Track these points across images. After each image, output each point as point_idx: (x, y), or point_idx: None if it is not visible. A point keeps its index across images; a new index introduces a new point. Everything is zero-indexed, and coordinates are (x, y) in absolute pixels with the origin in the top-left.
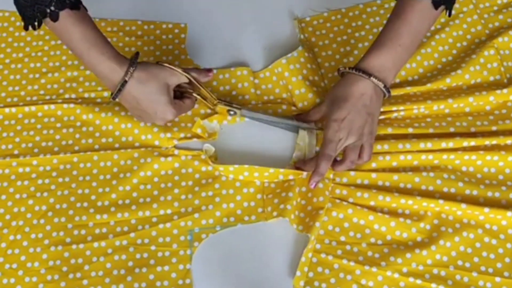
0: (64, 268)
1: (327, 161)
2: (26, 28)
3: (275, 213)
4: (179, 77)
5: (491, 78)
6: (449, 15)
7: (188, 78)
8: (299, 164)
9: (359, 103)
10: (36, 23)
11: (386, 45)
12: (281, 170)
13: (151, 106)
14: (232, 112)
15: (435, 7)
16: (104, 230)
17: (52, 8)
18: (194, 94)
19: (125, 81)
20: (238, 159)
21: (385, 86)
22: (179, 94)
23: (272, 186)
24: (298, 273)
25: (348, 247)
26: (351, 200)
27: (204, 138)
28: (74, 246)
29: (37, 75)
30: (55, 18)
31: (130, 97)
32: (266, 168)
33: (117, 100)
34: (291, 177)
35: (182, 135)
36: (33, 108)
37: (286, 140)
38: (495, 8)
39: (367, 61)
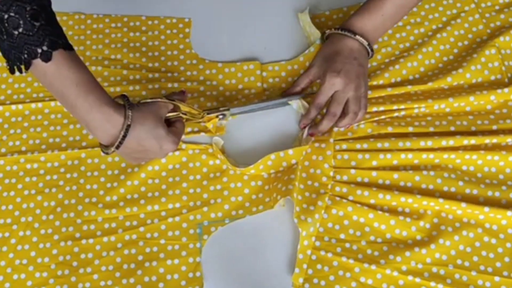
0: (74, 263)
1: (315, 109)
2: (12, 72)
3: (279, 197)
4: (167, 106)
5: (492, 77)
6: None
7: (173, 104)
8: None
9: (350, 56)
10: (22, 66)
11: (369, 12)
12: (281, 154)
13: (155, 143)
14: (221, 116)
15: None
16: (113, 224)
17: (45, 47)
18: (181, 115)
19: (128, 125)
20: (245, 150)
21: (369, 44)
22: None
23: (278, 175)
24: (296, 270)
25: (347, 245)
26: (351, 198)
27: (212, 133)
28: (83, 241)
29: None
30: (47, 58)
31: (132, 141)
32: (267, 157)
33: (115, 150)
34: (293, 161)
35: (189, 129)
36: (39, 104)
37: (290, 125)
38: (497, 7)
39: (349, 23)
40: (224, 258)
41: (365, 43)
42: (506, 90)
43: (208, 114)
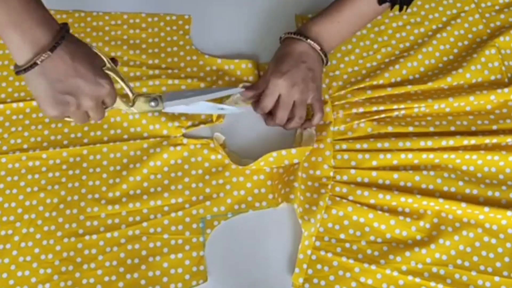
0: (78, 259)
1: (260, 111)
2: None
3: (280, 200)
4: (101, 60)
5: (492, 77)
6: (400, 10)
7: (108, 62)
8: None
9: (298, 59)
10: None
11: (326, 17)
12: (283, 152)
13: (90, 70)
14: (153, 104)
15: (379, 2)
16: (116, 220)
17: None
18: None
19: (67, 32)
20: (246, 143)
21: (321, 49)
22: None
23: (280, 171)
24: (296, 270)
25: (347, 245)
26: (351, 198)
27: (211, 123)
28: (87, 237)
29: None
30: None
31: (65, 56)
32: (269, 155)
33: (42, 62)
34: (296, 161)
35: (189, 123)
36: None
37: None
38: (497, 7)
39: (305, 28)
40: (225, 254)
41: (317, 47)
42: (506, 90)
43: (140, 97)
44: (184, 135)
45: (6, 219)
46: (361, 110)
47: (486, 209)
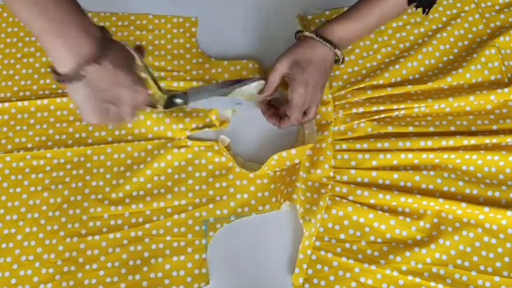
0: (81, 260)
1: (293, 123)
2: None
3: (282, 200)
4: (134, 59)
5: (492, 77)
6: (423, 12)
7: (140, 60)
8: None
9: (322, 67)
10: None
11: (356, 19)
12: (284, 154)
13: (129, 76)
14: (179, 101)
15: (408, 2)
16: (119, 221)
17: None
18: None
19: (108, 47)
20: (250, 147)
21: (343, 59)
22: None
23: (283, 174)
24: (296, 270)
25: (347, 245)
26: (351, 198)
27: (216, 127)
28: (89, 238)
29: (49, 69)
30: None
31: (108, 67)
32: (271, 158)
33: (88, 72)
34: (297, 161)
35: (194, 125)
36: (45, 101)
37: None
38: (497, 7)
39: (329, 30)
40: (226, 256)
41: (341, 57)
42: (506, 90)
43: (169, 92)
44: (189, 137)
45: (9, 218)
46: (361, 110)
47: (486, 209)
